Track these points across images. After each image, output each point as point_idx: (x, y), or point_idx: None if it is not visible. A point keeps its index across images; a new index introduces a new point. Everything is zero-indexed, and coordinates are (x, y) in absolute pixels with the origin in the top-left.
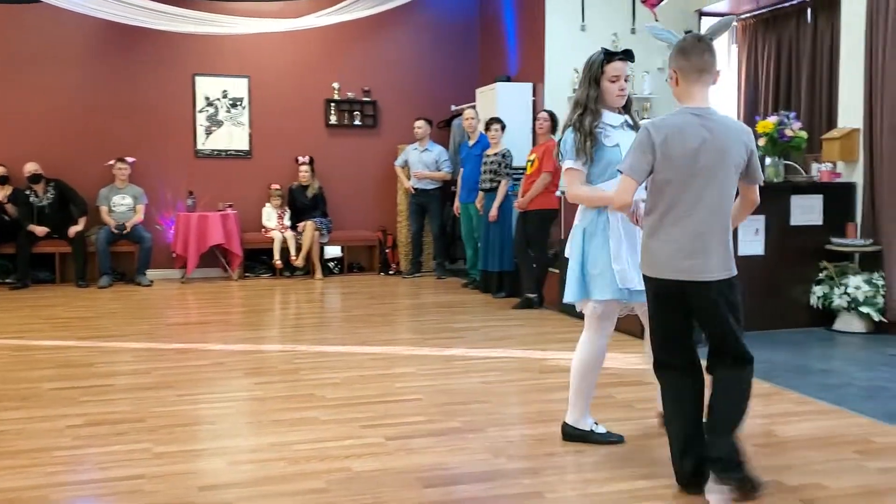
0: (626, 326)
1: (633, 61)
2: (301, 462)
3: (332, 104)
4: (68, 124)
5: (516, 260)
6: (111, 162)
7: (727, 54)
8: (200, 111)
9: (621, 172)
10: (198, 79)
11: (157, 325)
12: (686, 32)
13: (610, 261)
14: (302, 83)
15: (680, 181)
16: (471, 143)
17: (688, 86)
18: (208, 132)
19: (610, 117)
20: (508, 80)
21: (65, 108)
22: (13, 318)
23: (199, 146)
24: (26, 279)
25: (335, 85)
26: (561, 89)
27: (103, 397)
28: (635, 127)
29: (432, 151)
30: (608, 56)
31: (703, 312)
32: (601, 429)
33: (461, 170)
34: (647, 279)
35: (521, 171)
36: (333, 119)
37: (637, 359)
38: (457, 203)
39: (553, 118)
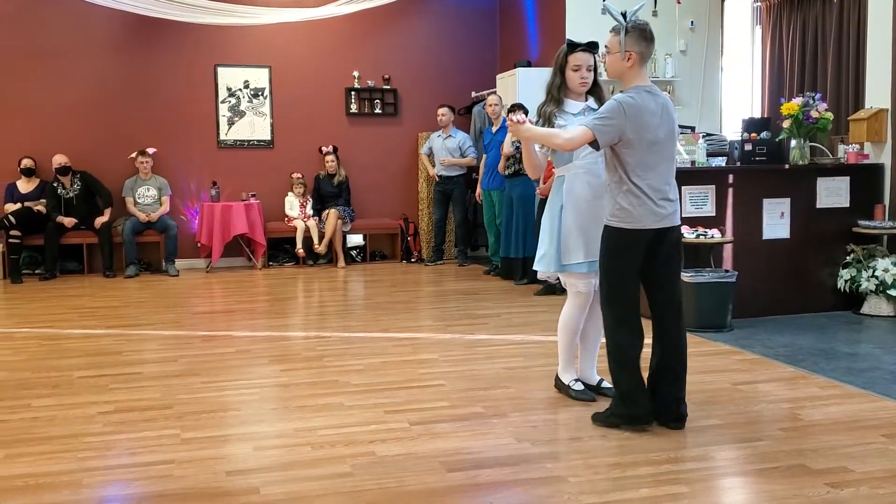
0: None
1: (596, 52)
2: (326, 447)
3: (353, 92)
4: (93, 116)
5: None
6: (133, 155)
7: (750, 35)
8: (223, 102)
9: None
10: (220, 69)
11: (183, 313)
12: (622, 14)
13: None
14: (322, 72)
15: (646, 148)
16: (494, 129)
17: (641, 68)
18: (230, 123)
19: (571, 105)
20: (529, 65)
21: (89, 100)
22: (43, 308)
23: (222, 136)
24: (55, 270)
25: (355, 73)
26: None
27: (132, 385)
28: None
29: (455, 138)
30: (571, 47)
31: (668, 256)
32: (579, 386)
33: (484, 156)
34: (618, 231)
35: None
36: (354, 107)
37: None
38: (479, 189)
39: None
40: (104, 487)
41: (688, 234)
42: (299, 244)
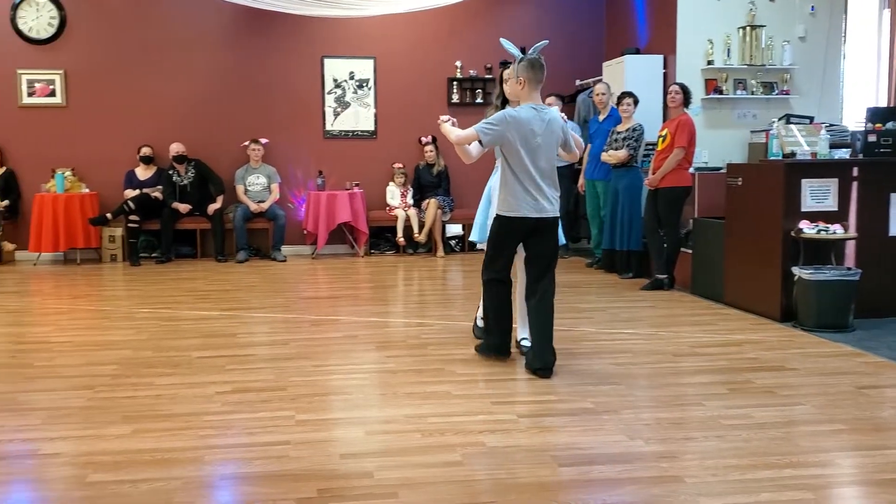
0: (764, 310)
1: (507, 67)
2: (435, 434)
3: (455, 82)
4: (205, 107)
5: (645, 239)
6: (246, 143)
7: (877, 20)
8: (329, 93)
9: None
10: (326, 61)
11: (291, 298)
12: (522, 50)
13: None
14: (425, 62)
15: (527, 153)
16: (601, 117)
17: (530, 90)
18: (336, 113)
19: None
20: (637, 52)
21: (203, 91)
22: (160, 290)
23: (328, 127)
24: (170, 254)
25: (458, 63)
26: (694, 61)
27: (247, 366)
28: None
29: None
30: (503, 65)
31: (543, 240)
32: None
33: (588, 146)
34: (504, 218)
35: (652, 147)
36: (455, 97)
37: (774, 340)
38: (581, 180)
39: (685, 91)
40: (225, 465)
41: (807, 229)
42: (400, 233)
